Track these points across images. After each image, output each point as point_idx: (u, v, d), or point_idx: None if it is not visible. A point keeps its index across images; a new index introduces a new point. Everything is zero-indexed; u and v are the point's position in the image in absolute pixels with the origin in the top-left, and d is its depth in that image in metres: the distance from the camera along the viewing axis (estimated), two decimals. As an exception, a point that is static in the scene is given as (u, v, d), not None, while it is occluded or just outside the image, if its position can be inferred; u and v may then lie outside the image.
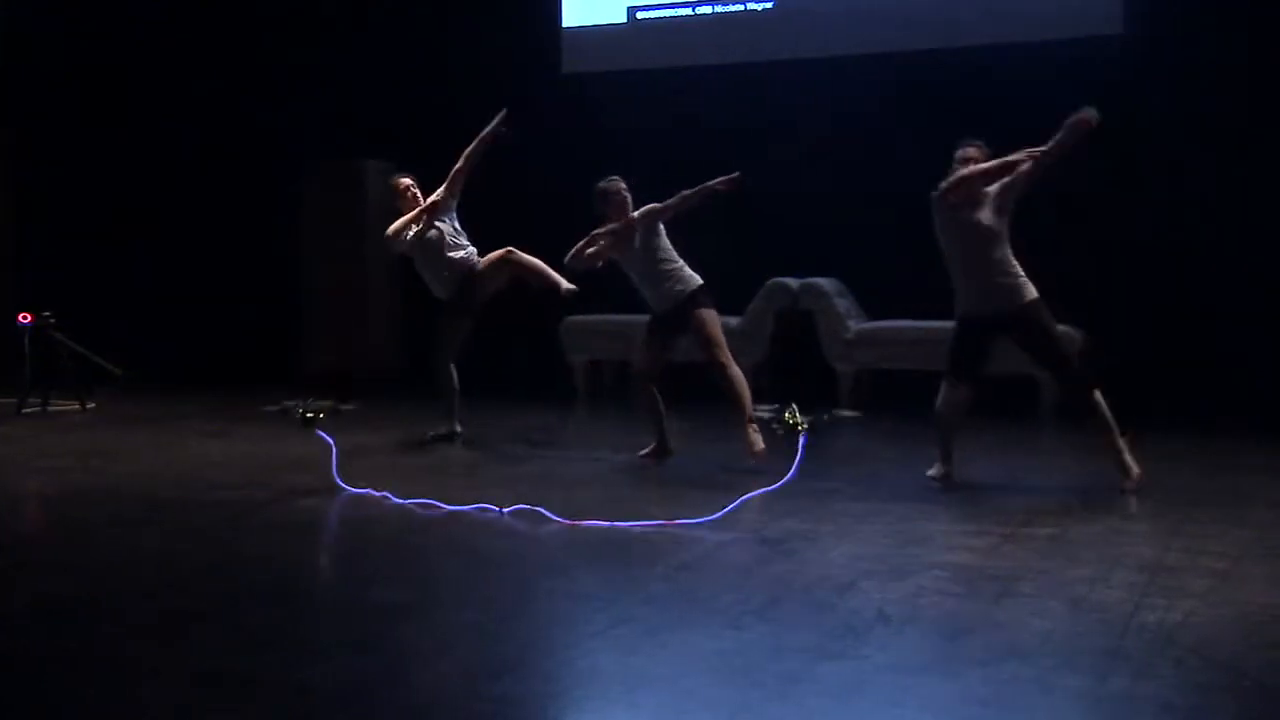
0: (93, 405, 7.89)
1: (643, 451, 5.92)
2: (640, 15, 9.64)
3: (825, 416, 4.82)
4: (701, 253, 6.87)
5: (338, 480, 5.26)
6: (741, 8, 9.34)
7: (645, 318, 9.27)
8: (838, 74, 8.84)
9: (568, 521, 4.58)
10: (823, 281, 8.46)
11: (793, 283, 8.49)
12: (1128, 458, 5.02)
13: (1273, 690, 2.84)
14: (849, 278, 8.54)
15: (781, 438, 4.57)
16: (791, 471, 4.62)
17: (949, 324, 7.85)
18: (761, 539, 4.33)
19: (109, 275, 10.60)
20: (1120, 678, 2.91)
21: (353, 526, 4.82)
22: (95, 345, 8.47)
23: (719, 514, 4.59)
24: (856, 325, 8.30)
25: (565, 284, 6.13)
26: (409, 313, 9.60)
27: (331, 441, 5.36)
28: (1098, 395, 5.03)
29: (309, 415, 5.59)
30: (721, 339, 5.76)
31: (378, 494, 5.09)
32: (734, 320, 8.68)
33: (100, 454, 6.28)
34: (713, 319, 5.79)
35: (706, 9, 9.44)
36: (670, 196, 6.00)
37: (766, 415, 4.74)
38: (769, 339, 8.54)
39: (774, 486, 4.67)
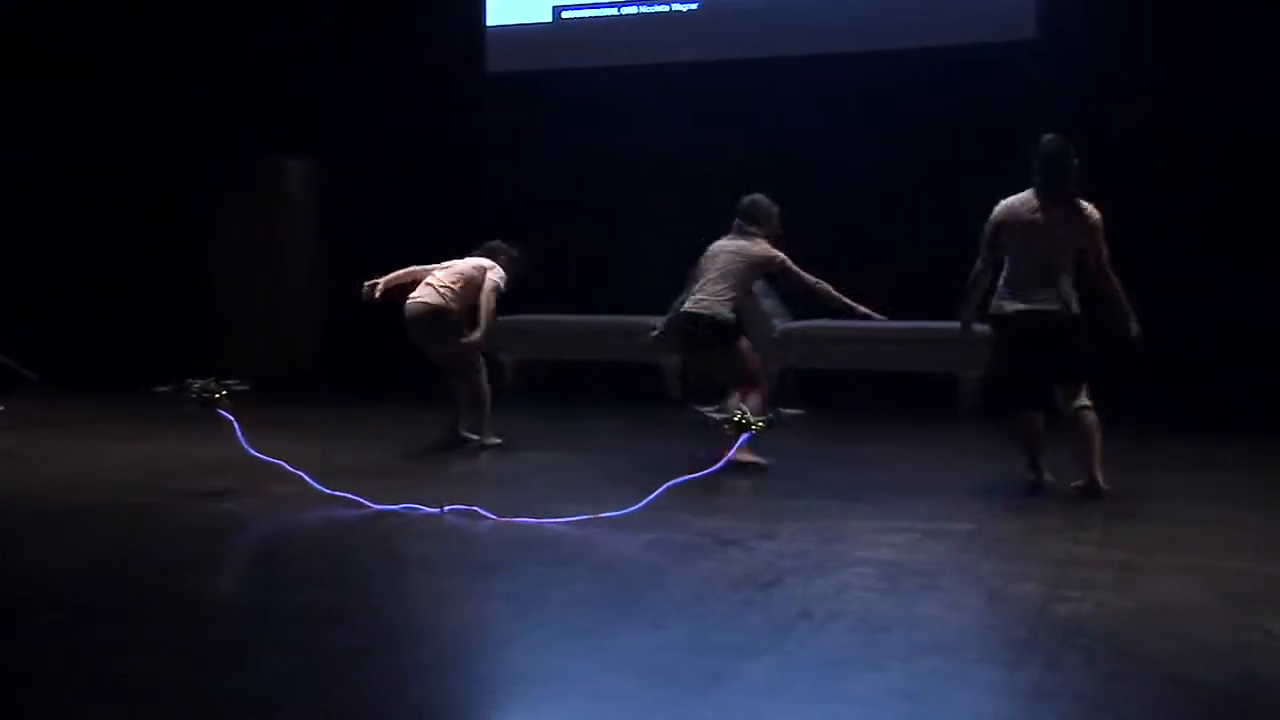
0: (1, 409, 7.68)
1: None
2: (566, 14, 9.63)
3: (772, 415, 4.81)
4: (629, 253, 6.93)
5: (250, 451, 5.14)
6: (667, 8, 9.38)
7: (575, 317, 9.24)
8: (760, 76, 8.92)
9: (502, 519, 4.58)
10: (749, 281, 8.51)
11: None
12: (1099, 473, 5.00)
13: (1175, 677, 2.93)
14: (773, 278, 8.61)
15: (731, 436, 4.57)
16: (720, 463, 4.64)
17: (871, 324, 8.01)
18: (686, 538, 4.35)
19: (18, 277, 10.31)
20: (1033, 668, 2.98)
21: (273, 528, 4.75)
22: (5, 349, 8.25)
23: (640, 504, 4.61)
24: (782, 325, 8.38)
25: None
26: (330, 313, 9.49)
27: (233, 419, 5.20)
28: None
29: (207, 395, 5.23)
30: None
31: (293, 470, 5.02)
32: (659, 320, 8.73)
33: (11, 458, 6.12)
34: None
35: (632, 9, 9.46)
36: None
37: (716, 416, 4.73)
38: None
39: (698, 475, 4.68)
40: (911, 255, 8.09)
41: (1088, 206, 5.03)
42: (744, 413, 4.65)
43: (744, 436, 4.52)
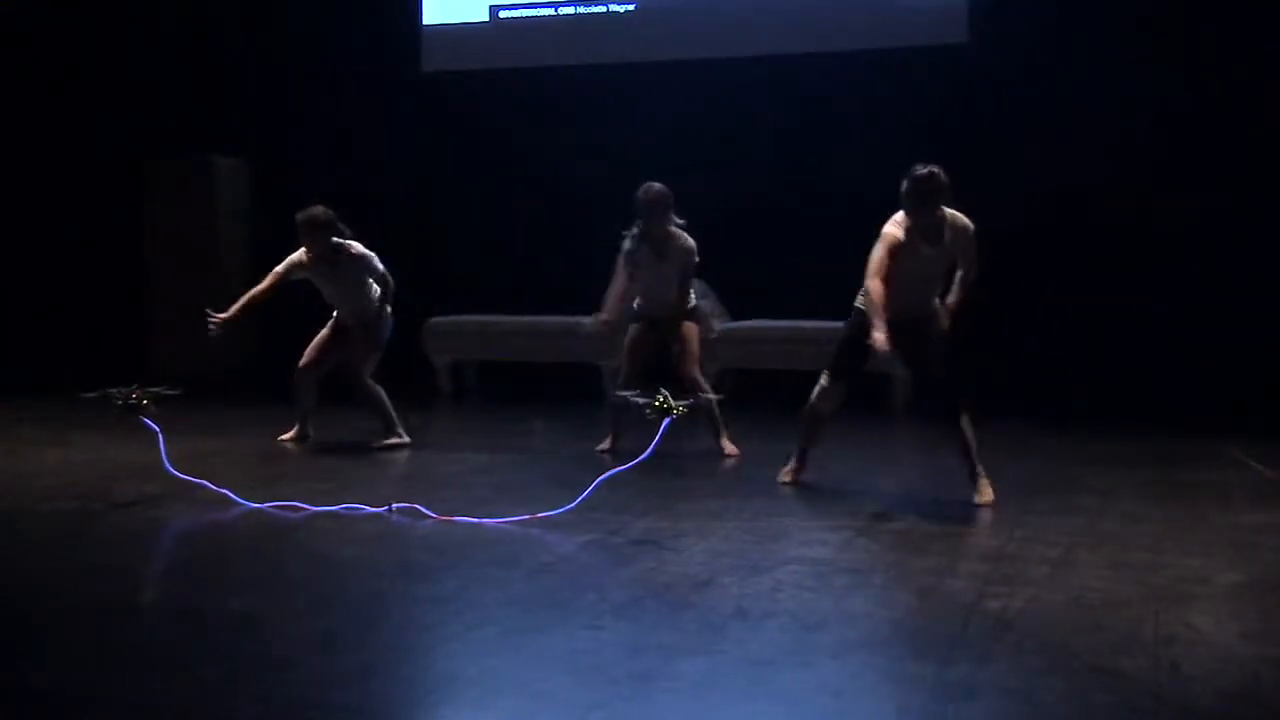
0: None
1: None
2: (503, 14, 9.58)
3: (692, 400, 4.81)
4: (564, 252, 6.91)
5: (169, 469, 5.06)
6: (604, 9, 9.38)
7: (509, 318, 9.26)
8: (697, 77, 8.96)
9: (443, 518, 4.56)
10: (686, 282, 8.54)
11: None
12: (983, 481, 4.97)
13: (1102, 669, 2.99)
14: (712, 278, 8.66)
15: (654, 422, 4.58)
16: (648, 450, 4.63)
17: (811, 324, 8.08)
18: (622, 539, 4.35)
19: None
20: (963, 664, 3.02)
21: (201, 534, 4.66)
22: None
23: (576, 501, 4.61)
24: (720, 325, 8.42)
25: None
26: (260, 312, 9.36)
27: (158, 429, 5.08)
28: (966, 422, 4.98)
29: (131, 401, 5.06)
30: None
31: (213, 487, 4.95)
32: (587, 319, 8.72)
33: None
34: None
35: (569, 9, 9.45)
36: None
37: (640, 401, 4.72)
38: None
39: (628, 466, 4.67)
40: (843, 255, 8.17)
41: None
42: (666, 397, 4.65)
43: (666, 421, 4.52)
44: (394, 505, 4.74)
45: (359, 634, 3.34)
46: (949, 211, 5.02)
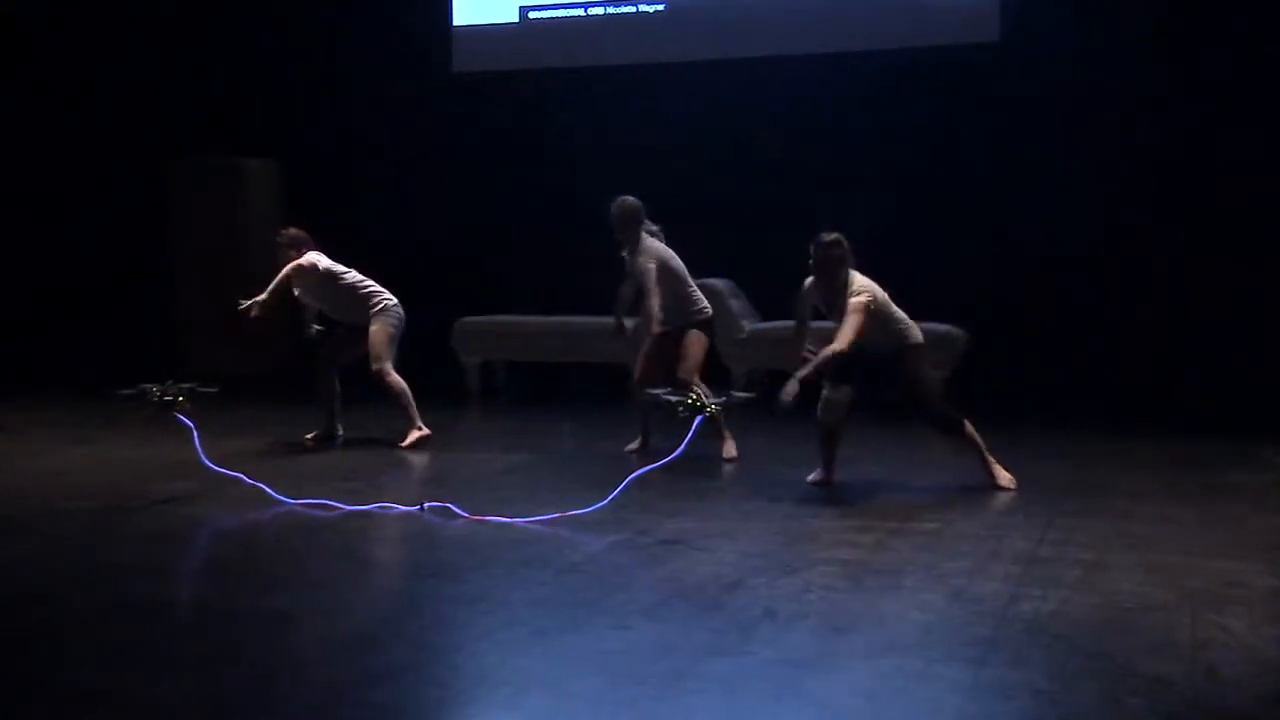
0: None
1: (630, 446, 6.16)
2: (532, 15, 9.60)
3: (725, 398, 4.79)
4: (594, 253, 6.91)
5: (206, 463, 5.09)
6: (634, 9, 9.38)
7: (540, 318, 9.26)
8: (725, 77, 8.94)
9: (472, 517, 4.58)
10: (717, 282, 8.53)
11: (686, 283, 8.54)
12: (997, 467, 5.24)
13: (1135, 673, 2.96)
14: (742, 279, 8.64)
15: (686, 420, 4.55)
16: (679, 449, 4.61)
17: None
18: (651, 539, 4.35)
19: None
20: (995, 666, 3.00)
21: (232, 532, 4.70)
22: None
23: (607, 499, 4.61)
24: (750, 325, 8.40)
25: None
26: (289, 313, 9.42)
27: (192, 425, 5.11)
28: (968, 428, 5.23)
29: (167, 398, 5.09)
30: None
31: (249, 480, 4.98)
32: (630, 321, 8.72)
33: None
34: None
35: (599, 10, 9.45)
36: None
37: (672, 399, 4.70)
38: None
39: (659, 464, 4.66)
40: (873, 255, 8.14)
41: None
42: (699, 395, 4.64)
43: (699, 419, 4.50)
44: (426, 505, 4.77)
45: (389, 633, 3.35)
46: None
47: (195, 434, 5.11)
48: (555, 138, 9.27)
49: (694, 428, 4.49)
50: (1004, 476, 5.22)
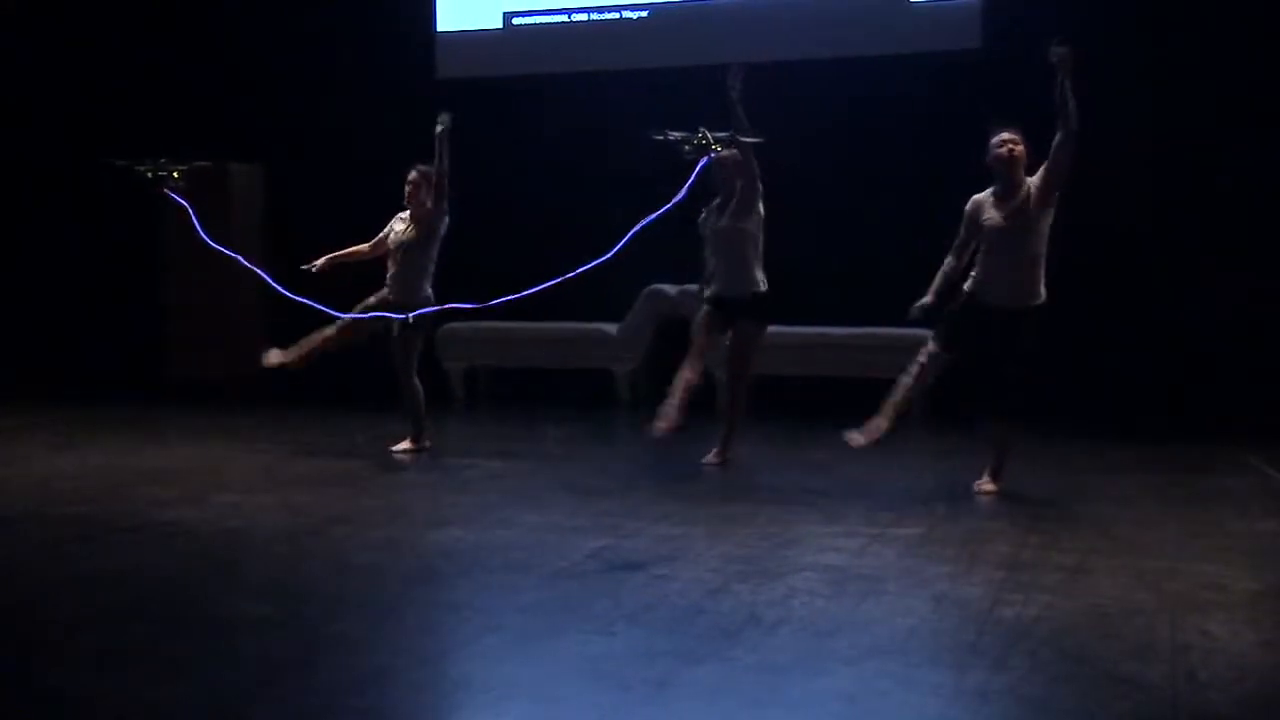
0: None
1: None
2: (516, 21, 9.61)
3: (730, 134, 4.55)
4: (579, 260, 6.91)
5: (206, 240, 4.90)
6: (617, 15, 9.39)
7: (524, 324, 9.21)
8: (711, 82, 8.94)
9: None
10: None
11: (671, 289, 8.56)
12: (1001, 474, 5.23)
13: (1115, 676, 2.97)
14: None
15: (691, 161, 4.41)
16: (682, 192, 4.44)
17: (826, 330, 8.08)
18: (634, 544, 4.35)
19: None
20: (978, 671, 3.01)
21: (217, 538, 4.67)
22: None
23: (613, 250, 4.39)
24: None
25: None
26: (278, 319, 9.39)
27: (186, 204, 4.91)
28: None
29: (161, 174, 4.89)
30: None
31: (245, 263, 4.73)
32: (612, 327, 8.73)
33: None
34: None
35: (583, 16, 9.47)
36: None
37: (677, 136, 4.55)
38: (648, 344, 8.61)
39: (663, 210, 4.47)
40: (849, 260, 8.17)
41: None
42: (704, 134, 4.53)
43: (704, 160, 4.37)
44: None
45: (373, 639, 3.34)
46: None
47: (191, 212, 4.88)
48: (539, 144, 9.26)
49: (698, 168, 4.32)
50: (989, 485, 5.22)
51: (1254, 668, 3.07)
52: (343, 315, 6.05)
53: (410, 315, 5.93)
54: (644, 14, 9.33)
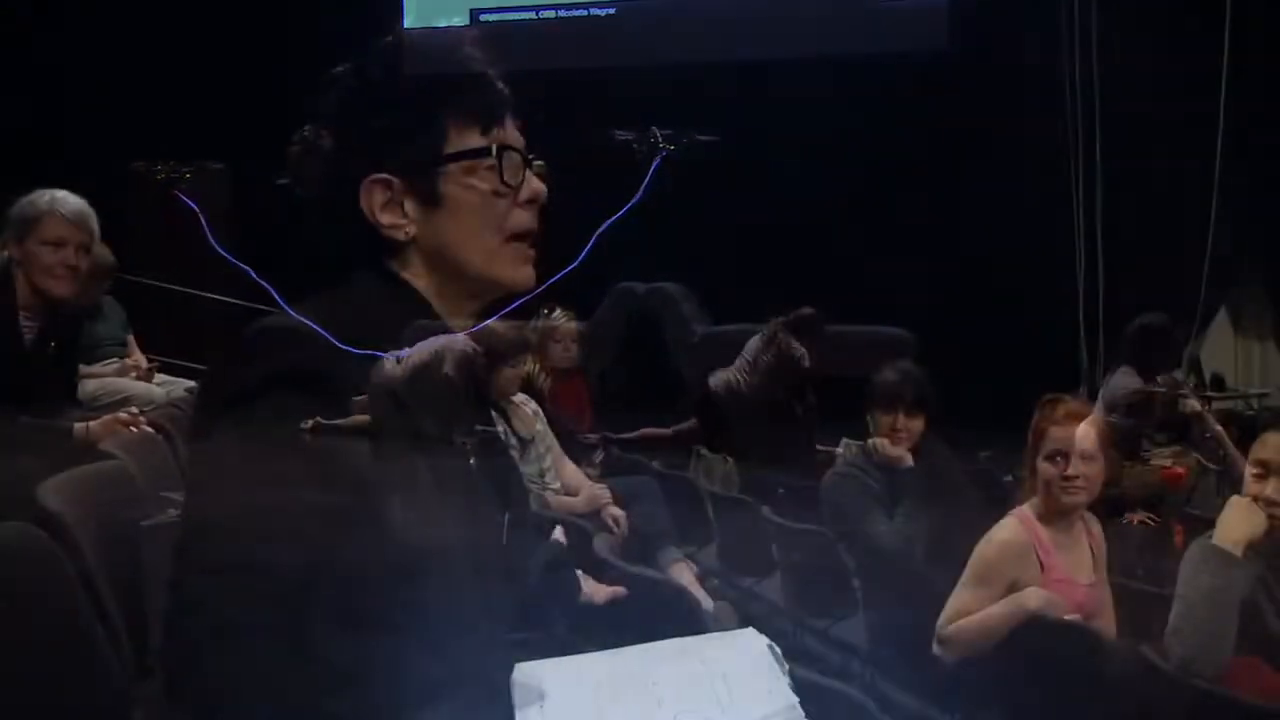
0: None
1: None
2: (483, 17, 9.58)
3: (684, 140, 4.62)
4: (548, 263, 6.92)
5: (217, 248, 4.86)
6: (585, 12, 9.39)
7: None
8: (676, 81, 8.98)
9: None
10: (669, 286, 8.59)
11: (639, 287, 8.58)
12: None
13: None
14: (693, 282, 8.71)
15: (640, 160, 4.43)
16: (639, 194, 4.44)
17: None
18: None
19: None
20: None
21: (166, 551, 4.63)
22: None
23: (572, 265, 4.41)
24: (701, 329, 8.45)
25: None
26: (246, 322, 9.33)
27: (195, 206, 4.85)
28: None
29: (175, 176, 4.74)
30: None
31: (255, 276, 4.65)
32: (580, 325, 8.72)
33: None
34: None
35: (550, 13, 9.46)
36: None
37: (629, 135, 4.57)
38: (617, 343, 8.62)
39: (620, 213, 4.49)
40: (803, 263, 8.24)
41: None
42: (654, 132, 4.52)
43: (656, 160, 4.37)
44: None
45: (343, 640, 3.33)
46: None
47: (201, 217, 4.83)
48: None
49: (652, 169, 4.36)
50: None
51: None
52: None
53: None
54: (611, 11, 9.33)
